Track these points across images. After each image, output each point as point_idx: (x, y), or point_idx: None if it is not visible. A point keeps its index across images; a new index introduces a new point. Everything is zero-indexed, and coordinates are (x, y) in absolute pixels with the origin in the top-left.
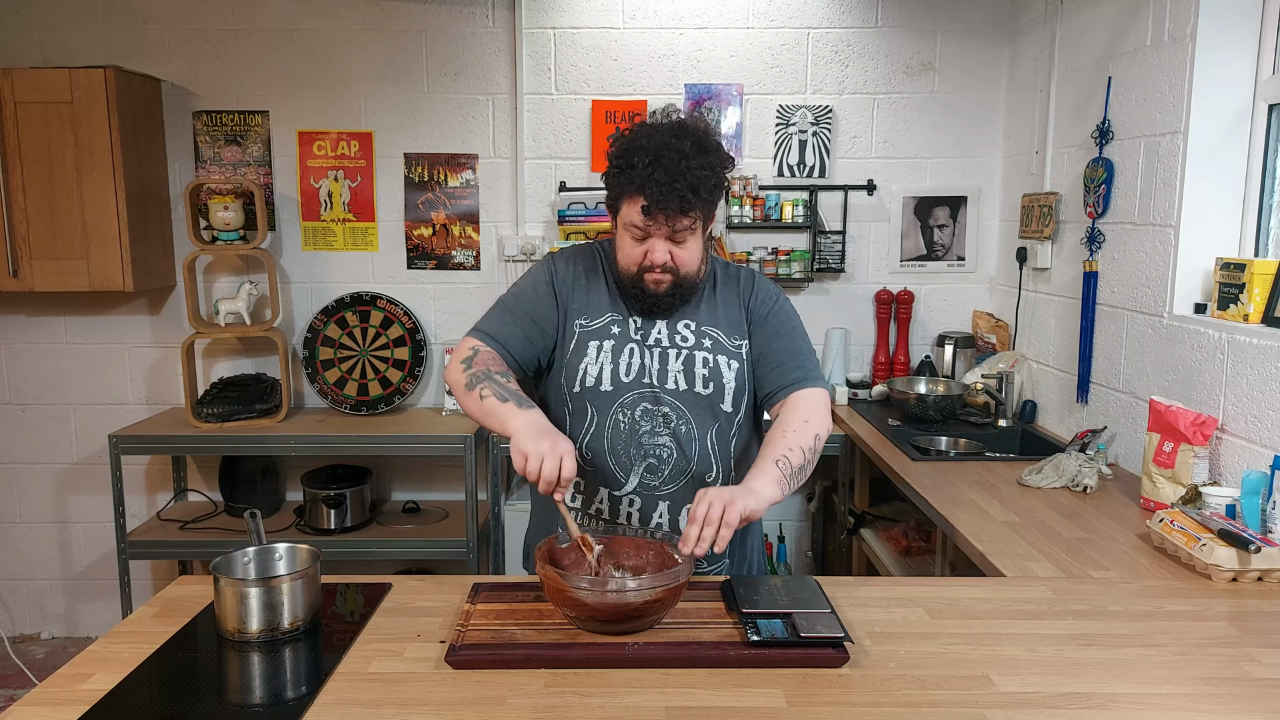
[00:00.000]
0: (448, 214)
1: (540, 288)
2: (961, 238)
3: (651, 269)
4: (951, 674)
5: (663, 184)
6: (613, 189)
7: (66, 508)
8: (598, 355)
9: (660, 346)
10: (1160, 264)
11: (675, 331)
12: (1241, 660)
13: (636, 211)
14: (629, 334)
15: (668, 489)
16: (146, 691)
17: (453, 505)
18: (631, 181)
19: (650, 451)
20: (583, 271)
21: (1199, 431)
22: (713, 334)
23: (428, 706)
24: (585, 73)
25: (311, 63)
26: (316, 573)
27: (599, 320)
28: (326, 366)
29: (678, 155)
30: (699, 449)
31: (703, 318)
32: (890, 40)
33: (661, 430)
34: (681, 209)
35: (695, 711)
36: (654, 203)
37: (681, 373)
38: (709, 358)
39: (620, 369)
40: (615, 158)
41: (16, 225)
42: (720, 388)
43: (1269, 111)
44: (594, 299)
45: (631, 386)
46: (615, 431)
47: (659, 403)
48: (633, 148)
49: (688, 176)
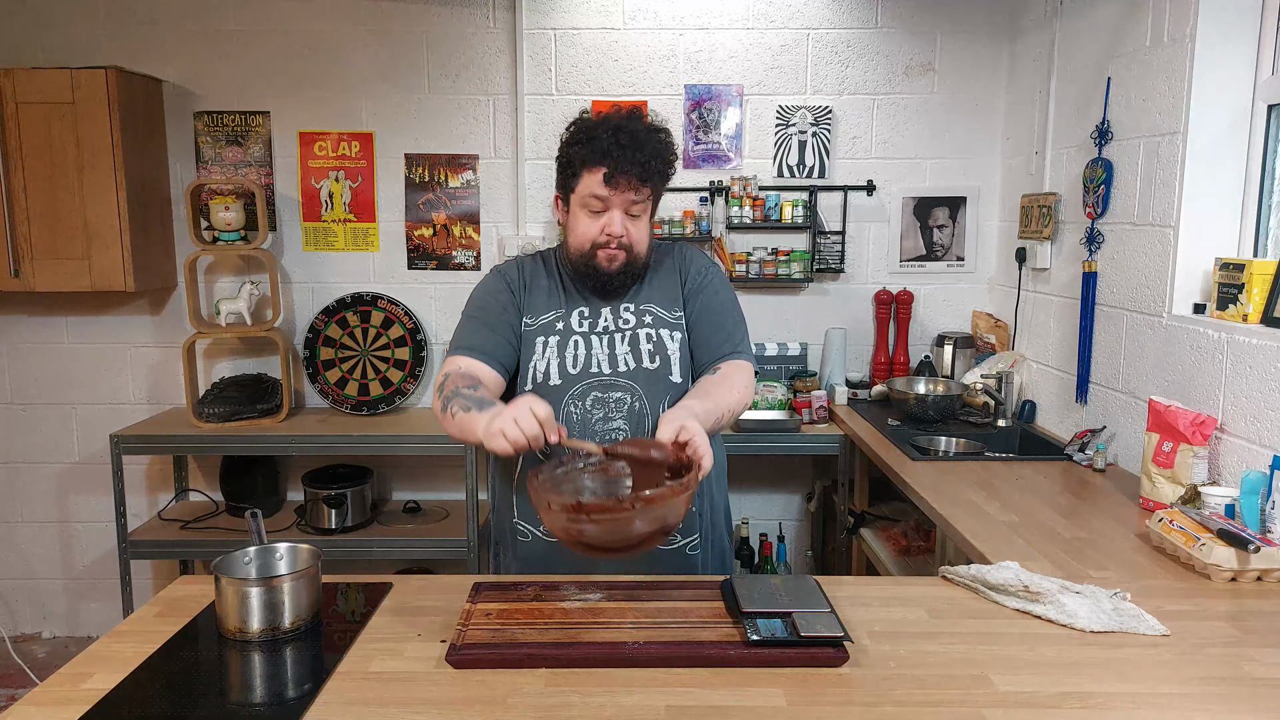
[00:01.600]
0: (448, 214)
1: (501, 295)
2: (961, 238)
3: (607, 244)
4: (951, 674)
5: (626, 149)
6: (571, 166)
7: (68, 507)
8: (544, 351)
9: (608, 333)
10: (1160, 264)
11: (618, 316)
12: (1241, 660)
13: (597, 181)
14: (572, 327)
15: None
16: (147, 691)
17: (453, 505)
18: (594, 152)
19: (604, 436)
20: (529, 274)
21: (1198, 431)
22: (652, 310)
23: (428, 706)
24: (586, 73)
25: (312, 63)
26: (317, 572)
27: (543, 317)
28: (327, 366)
29: (636, 129)
30: (653, 423)
31: (640, 297)
32: (890, 41)
33: (614, 415)
34: (642, 177)
35: (695, 711)
36: (617, 167)
37: (629, 353)
38: (651, 333)
39: (566, 362)
40: (575, 135)
41: (18, 225)
42: (666, 359)
43: (1269, 111)
44: (540, 298)
45: (579, 378)
46: (568, 422)
47: (610, 389)
48: (591, 125)
49: (648, 147)
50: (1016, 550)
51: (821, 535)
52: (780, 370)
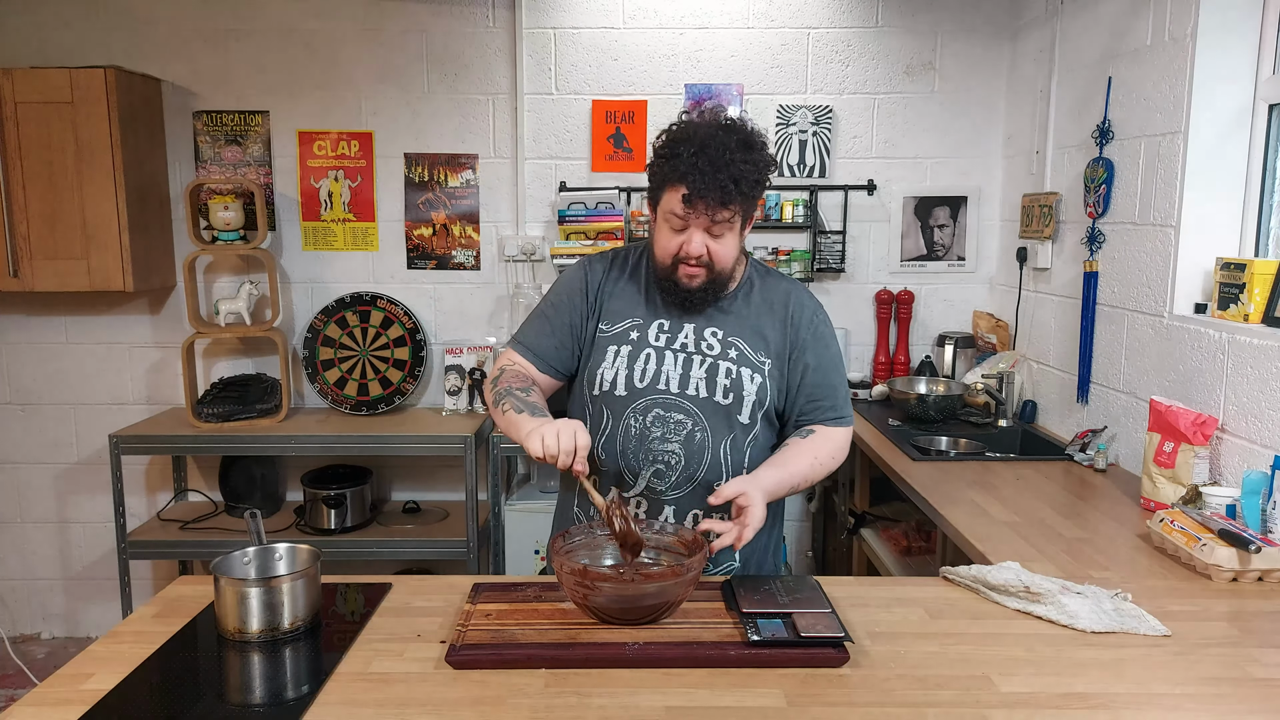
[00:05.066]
0: (448, 214)
1: (574, 295)
2: (962, 238)
3: (687, 260)
4: (951, 674)
5: (705, 173)
6: (655, 178)
7: (67, 508)
8: (614, 360)
9: (685, 352)
10: (1160, 264)
11: (702, 339)
12: (1241, 660)
13: (677, 200)
14: (648, 339)
15: (673, 494)
16: (147, 691)
17: (453, 505)
18: (675, 170)
19: (658, 457)
20: (618, 273)
21: (1199, 431)
22: (738, 345)
23: (428, 706)
24: (585, 73)
25: (312, 63)
26: (317, 573)
27: (619, 325)
28: (327, 366)
29: (722, 148)
30: (711, 457)
31: (730, 327)
32: (890, 40)
33: (672, 436)
34: (722, 200)
35: (695, 711)
36: (695, 191)
37: (704, 380)
38: (732, 368)
39: (635, 374)
40: (660, 148)
41: (17, 225)
42: (740, 399)
43: (1269, 111)
44: (622, 303)
45: (645, 392)
46: (626, 435)
47: (672, 409)
48: (678, 138)
49: (730, 169)
50: (1017, 551)
51: (822, 535)
52: None
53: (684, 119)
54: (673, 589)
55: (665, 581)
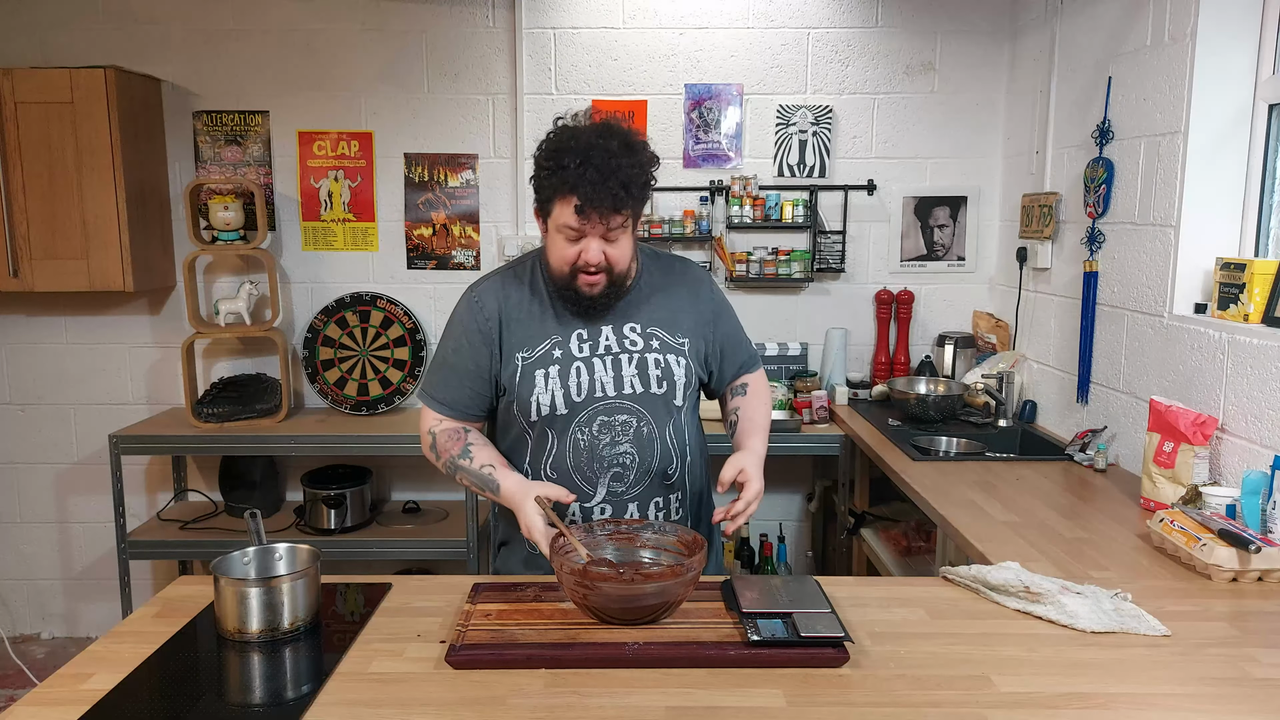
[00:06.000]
0: (448, 214)
1: (472, 338)
2: (961, 238)
3: (586, 269)
4: (951, 674)
5: (595, 183)
6: (543, 191)
7: (67, 508)
8: (546, 384)
9: (611, 353)
10: (1160, 264)
11: (623, 336)
12: (1241, 660)
13: (569, 212)
14: (572, 352)
15: (634, 491)
16: (147, 691)
17: (453, 505)
18: (564, 182)
19: (613, 461)
20: (515, 297)
21: (1199, 431)
22: (658, 334)
23: (428, 706)
24: (585, 73)
25: (312, 63)
26: (316, 573)
27: (539, 348)
28: (326, 366)
29: (606, 154)
30: (660, 447)
31: (644, 318)
32: (890, 40)
33: (620, 439)
34: (615, 207)
35: (695, 711)
36: (587, 201)
37: (636, 376)
38: (660, 358)
39: (571, 390)
40: (544, 159)
41: (17, 225)
42: (673, 385)
43: (1269, 111)
44: (529, 328)
45: (585, 404)
46: (576, 449)
47: (615, 412)
48: (561, 148)
49: (619, 175)
50: (1017, 550)
51: (822, 535)
52: (781, 370)
53: (560, 125)
54: (673, 589)
55: (665, 581)
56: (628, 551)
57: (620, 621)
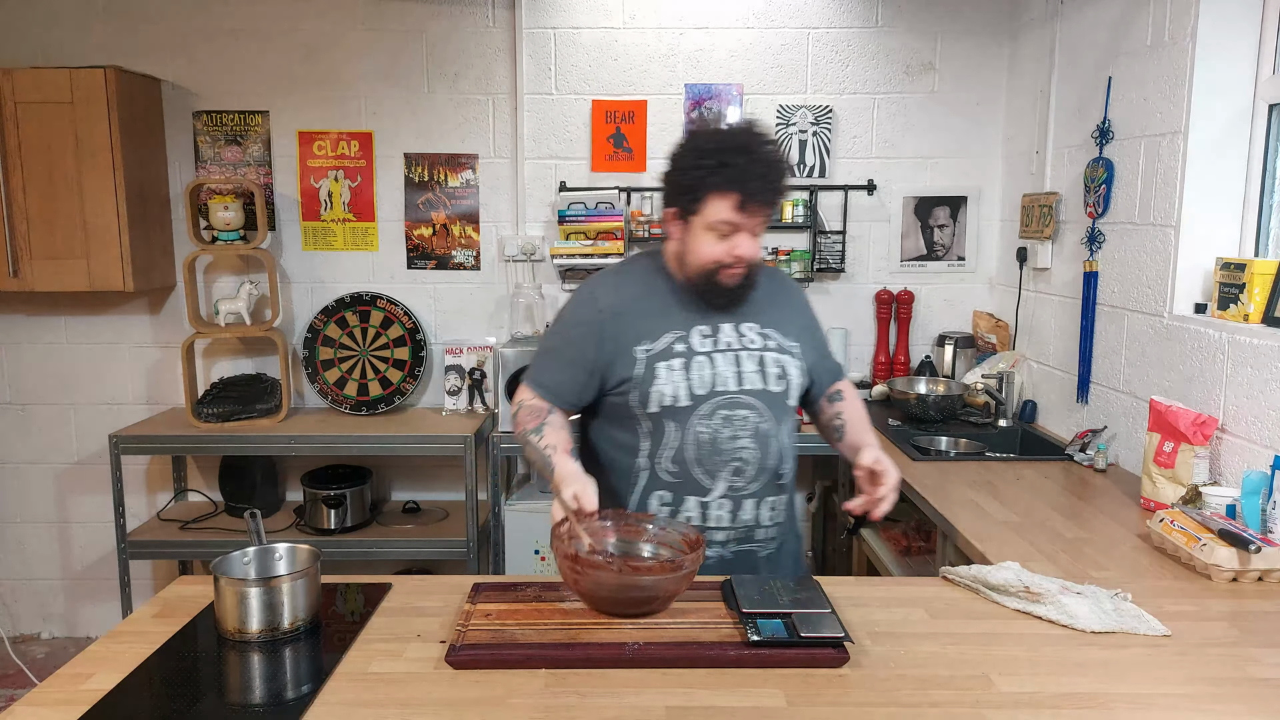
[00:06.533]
0: (448, 214)
1: (587, 333)
2: (961, 238)
3: (736, 264)
4: (951, 674)
5: (761, 177)
6: (693, 189)
7: (67, 508)
8: (669, 375)
9: (732, 349)
10: (1160, 264)
11: (742, 334)
12: (1241, 660)
13: (728, 208)
14: (694, 348)
15: (752, 488)
16: (147, 691)
17: (453, 505)
18: (727, 179)
19: (734, 455)
20: (632, 295)
21: (1199, 431)
22: (774, 335)
23: (428, 706)
24: (585, 73)
25: (311, 63)
26: (316, 573)
27: (660, 342)
28: (326, 366)
29: (768, 154)
30: (776, 444)
31: (760, 319)
32: (890, 40)
33: (741, 434)
34: (775, 202)
35: (695, 711)
36: (751, 197)
37: (756, 373)
38: (778, 358)
39: (693, 383)
40: (699, 158)
41: (17, 225)
42: (789, 386)
43: (1269, 111)
44: (649, 323)
45: (707, 397)
46: (698, 443)
47: (737, 406)
48: (723, 147)
49: (779, 172)
50: (1017, 550)
51: (822, 535)
52: None
53: (706, 129)
54: (664, 584)
55: (658, 575)
56: (630, 545)
57: (612, 614)
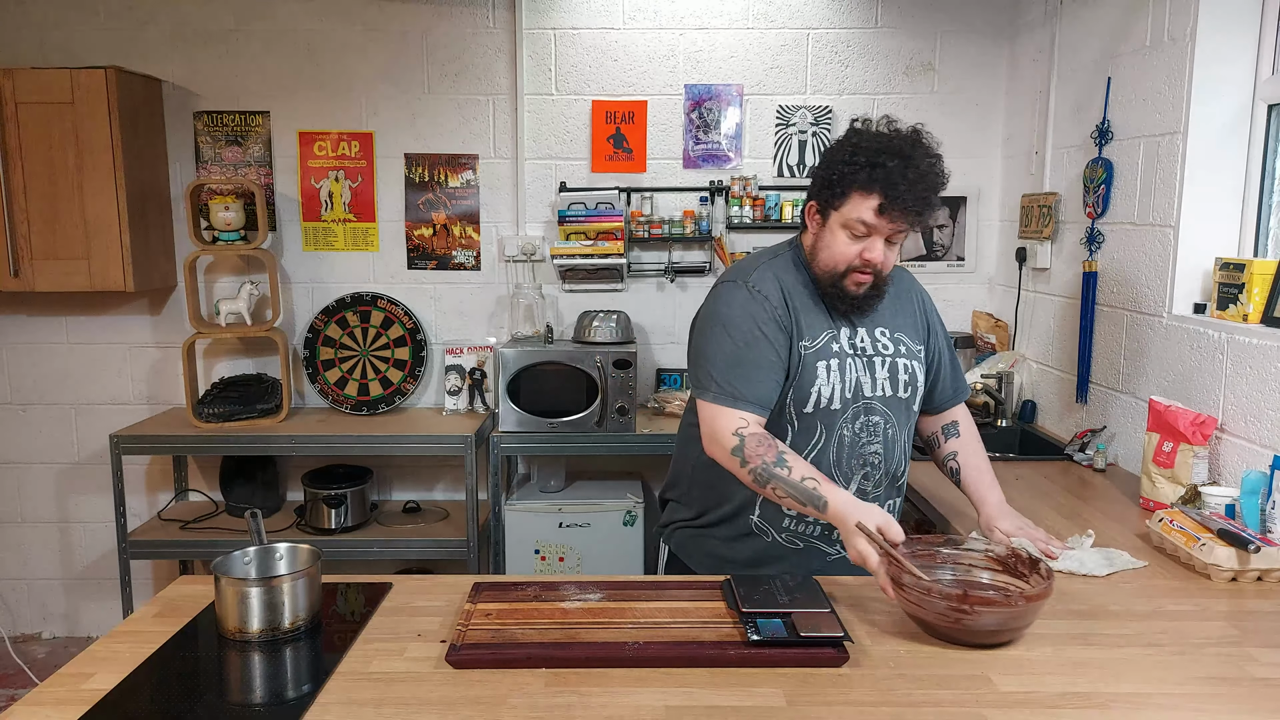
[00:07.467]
0: (448, 214)
1: (768, 328)
2: (961, 238)
3: (862, 269)
4: (951, 674)
5: (910, 184)
6: (839, 184)
7: (67, 507)
8: (828, 376)
9: (865, 355)
10: (1160, 264)
11: (875, 339)
12: (1241, 660)
13: (868, 208)
14: (845, 349)
15: (876, 492)
16: (147, 691)
17: (453, 505)
18: (874, 178)
19: (866, 460)
20: (790, 287)
21: (1198, 431)
22: (904, 340)
23: (428, 706)
24: (585, 73)
25: (312, 63)
26: (317, 572)
27: (819, 339)
28: (327, 366)
29: (925, 162)
30: (899, 449)
31: (890, 324)
32: (890, 40)
33: (874, 439)
34: (919, 212)
35: (695, 711)
36: (894, 202)
37: (888, 379)
38: (908, 364)
39: (846, 386)
40: (853, 154)
41: (17, 225)
42: (915, 391)
43: (1269, 111)
44: (810, 318)
45: (853, 401)
46: (840, 445)
47: (870, 412)
48: (880, 148)
49: (931, 184)
50: None
51: None
52: None
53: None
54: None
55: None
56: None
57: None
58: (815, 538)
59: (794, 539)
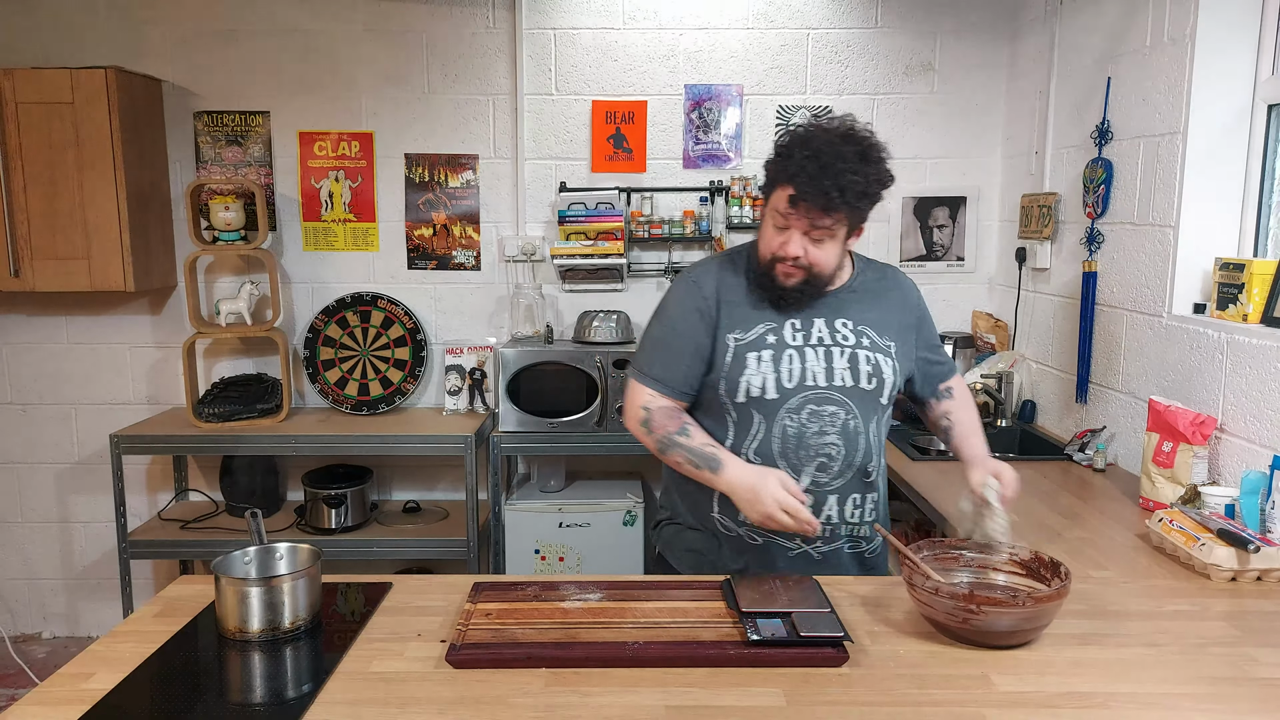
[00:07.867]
0: (448, 214)
1: (690, 316)
2: (961, 238)
3: (783, 260)
4: (951, 674)
5: (813, 177)
6: (769, 176)
7: (68, 507)
8: (758, 366)
9: (824, 345)
10: (1159, 264)
11: (835, 330)
12: (1241, 660)
13: (783, 200)
14: (785, 340)
15: (836, 484)
16: (147, 691)
17: (453, 505)
18: (785, 170)
19: (820, 451)
20: (729, 284)
21: (1198, 431)
22: (868, 333)
23: (428, 706)
24: (585, 73)
25: (312, 63)
26: (317, 572)
27: (752, 332)
28: (327, 366)
29: (836, 156)
30: (864, 442)
31: (856, 316)
32: (890, 40)
33: (828, 430)
34: (825, 206)
35: (695, 711)
36: (800, 194)
37: (848, 370)
38: (870, 356)
39: (782, 376)
40: (778, 146)
41: (18, 225)
42: (881, 384)
43: (1268, 111)
44: (743, 312)
45: (795, 391)
46: (784, 436)
47: (824, 402)
48: (795, 140)
49: (839, 178)
50: None
51: None
52: None
53: (811, 122)
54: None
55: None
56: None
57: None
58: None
59: (753, 534)
